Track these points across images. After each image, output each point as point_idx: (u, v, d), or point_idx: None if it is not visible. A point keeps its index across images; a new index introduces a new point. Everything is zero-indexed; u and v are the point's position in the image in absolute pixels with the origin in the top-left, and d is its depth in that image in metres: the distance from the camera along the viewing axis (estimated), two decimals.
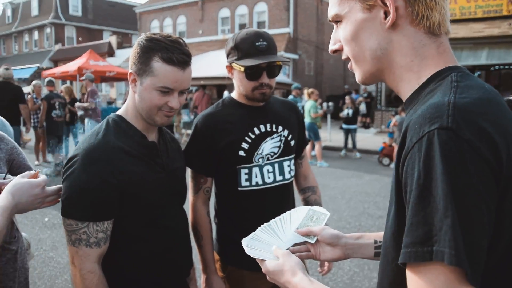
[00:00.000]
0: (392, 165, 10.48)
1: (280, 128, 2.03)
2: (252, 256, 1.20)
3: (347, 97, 12.94)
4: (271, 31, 23.02)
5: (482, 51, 16.65)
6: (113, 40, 31.99)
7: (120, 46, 32.30)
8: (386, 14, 0.91)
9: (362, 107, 19.53)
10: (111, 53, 30.52)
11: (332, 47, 1.05)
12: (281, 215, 1.37)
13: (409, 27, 0.91)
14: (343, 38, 1.00)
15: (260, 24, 23.89)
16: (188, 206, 1.97)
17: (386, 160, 10.95)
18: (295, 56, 22.92)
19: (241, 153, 1.94)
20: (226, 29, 25.16)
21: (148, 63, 1.44)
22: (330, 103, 14.04)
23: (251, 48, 1.84)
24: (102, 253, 1.45)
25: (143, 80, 1.47)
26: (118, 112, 1.59)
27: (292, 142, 2.08)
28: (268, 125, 2.01)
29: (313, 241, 1.27)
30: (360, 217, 6.33)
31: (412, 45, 0.92)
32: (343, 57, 1.04)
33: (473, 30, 17.37)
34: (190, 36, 26.76)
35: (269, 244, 1.25)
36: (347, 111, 11.99)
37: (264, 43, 1.85)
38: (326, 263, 2.13)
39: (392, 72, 0.96)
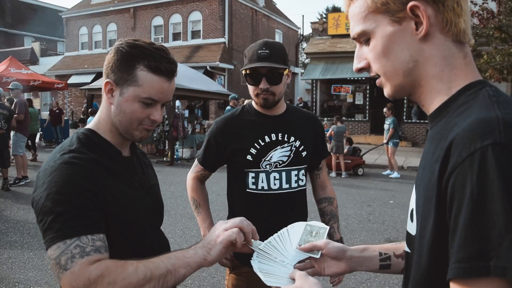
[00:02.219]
0: (332, 174, 10.73)
1: (292, 138, 2.12)
2: (270, 285, 1.18)
3: None
4: (206, 41, 22.88)
5: None
6: (36, 46, 30.22)
7: (45, 53, 30.65)
8: (417, 24, 0.90)
9: None
10: (34, 61, 28.79)
11: (358, 65, 1.02)
12: (278, 232, 1.36)
13: (439, 35, 0.91)
14: (373, 55, 0.97)
15: (195, 33, 23.65)
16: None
17: (329, 171, 11.00)
18: (230, 66, 22.88)
19: (249, 157, 2.06)
20: (159, 37, 24.65)
21: (131, 72, 1.30)
22: None
23: (254, 55, 1.97)
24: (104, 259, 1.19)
25: (123, 90, 1.31)
26: (88, 126, 1.42)
27: (304, 153, 2.14)
28: (280, 135, 2.10)
29: (318, 256, 1.24)
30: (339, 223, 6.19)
31: (442, 54, 0.91)
32: (372, 74, 1.01)
33: None
34: None
35: (279, 264, 1.25)
36: None
37: (266, 51, 1.95)
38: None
39: (422, 84, 0.95)
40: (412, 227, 0.95)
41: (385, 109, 11.22)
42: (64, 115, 17.10)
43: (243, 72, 2.03)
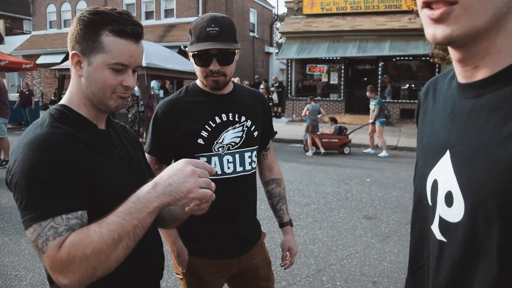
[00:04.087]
0: (308, 153, 10.84)
1: (243, 118, 1.99)
2: None
3: (262, 85, 12.88)
4: (179, 20, 22.48)
5: (385, 43, 17.62)
6: (0, 25, 29.01)
7: (10, 32, 29.59)
8: None
9: (274, 97, 19.75)
10: None
11: None
12: None
13: None
14: None
15: (168, 12, 23.19)
16: None
17: (313, 148, 11.13)
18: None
19: (200, 141, 1.91)
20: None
21: (97, 39, 1.25)
22: None
23: (202, 33, 1.80)
24: None
25: (91, 60, 1.27)
26: (60, 102, 1.37)
27: (256, 133, 2.03)
28: (230, 114, 1.96)
29: None
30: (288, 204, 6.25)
31: None
32: None
33: (376, 23, 18.31)
34: None
35: None
36: None
37: (216, 28, 1.79)
38: (288, 257, 2.16)
39: (491, 39, 0.73)
40: (450, 214, 0.80)
41: (368, 93, 11.37)
42: (34, 96, 16.62)
43: (191, 52, 1.86)
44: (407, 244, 4.78)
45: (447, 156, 0.83)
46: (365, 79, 20.57)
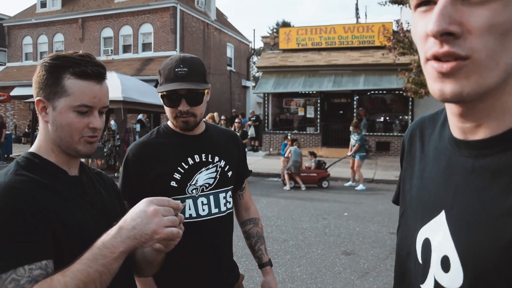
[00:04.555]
0: (286, 187, 10.85)
1: (217, 158, 1.97)
2: None
3: (236, 120, 12.98)
4: (157, 54, 22.60)
5: (360, 77, 18.05)
6: None
7: None
8: None
9: (251, 131, 19.83)
10: None
11: (447, 26, 0.64)
12: None
13: None
14: (488, 23, 0.63)
15: (146, 46, 23.30)
16: None
17: (291, 183, 11.16)
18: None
19: (173, 183, 1.87)
20: (109, 49, 24.07)
21: (59, 83, 1.26)
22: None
23: (170, 73, 1.79)
24: None
25: (55, 104, 1.27)
26: (29, 150, 1.35)
27: (230, 173, 2.01)
28: (203, 155, 1.94)
29: None
30: (266, 241, 6.18)
31: None
32: (461, 52, 0.64)
33: (351, 58, 18.80)
34: None
35: None
36: None
37: (185, 69, 1.79)
38: None
39: (498, 96, 0.69)
40: (447, 279, 0.75)
41: (351, 127, 11.59)
42: (6, 129, 16.31)
43: (159, 93, 1.85)
44: (386, 280, 4.77)
45: (442, 216, 0.78)
46: (341, 112, 20.95)
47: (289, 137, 12.02)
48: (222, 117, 12.58)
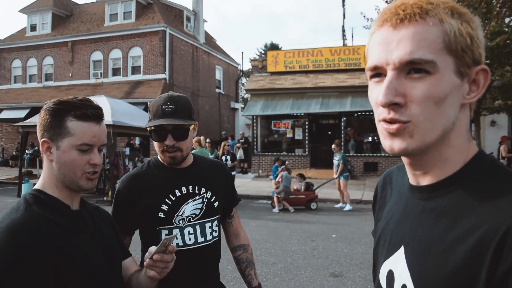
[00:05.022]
0: (275, 210, 10.94)
1: (203, 189, 2.07)
2: None
3: (224, 143, 13.12)
4: (146, 77, 22.80)
5: (347, 99, 18.35)
6: None
7: None
8: (470, 88, 0.84)
9: (240, 153, 19.94)
10: None
11: (393, 98, 0.80)
12: None
13: (467, 109, 0.86)
14: (426, 95, 0.80)
15: (135, 69, 23.49)
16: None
17: (280, 205, 11.26)
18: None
19: (161, 214, 1.97)
20: (98, 72, 24.21)
21: (62, 125, 1.41)
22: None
23: (158, 110, 1.91)
24: None
25: (59, 144, 1.42)
26: (34, 187, 1.49)
27: (216, 204, 2.10)
28: (190, 187, 2.04)
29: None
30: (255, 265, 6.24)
31: (466, 127, 0.87)
32: (397, 116, 0.81)
33: (338, 80, 19.15)
34: (58, 79, 25.25)
35: None
36: (224, 158, 12.15)
37: (171, 106, 1.91)
38: None
39: (439, 150, 0.85)
40: None
41: (333, 146, 11.72)
42: None
43: (147, 128, 1.97)
44: None
45: (401, 251, 0.91)
46: (329, 133, 21.17)
47: (280, 160, 12.12)
48: (207, 140, 12.71)
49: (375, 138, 19.21)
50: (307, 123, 19.83)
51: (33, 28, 26.75)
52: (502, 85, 12.15)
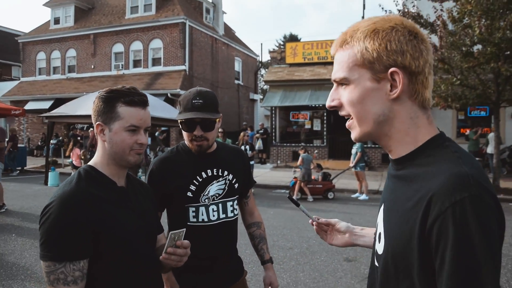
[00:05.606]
0: (309, 199, 11.17)
1: (226, 172, 2.31)
2: None
3: (243, 134, 13.33)
4: (166, 68, 23.10)
5: None
6: None
7: None
8: (392, 87, 1.07)
9: (259, 144, 20.16)
10: None
11: (331, 103, 1.18)
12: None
13: (408, 100, 1.09)
14: (347, 100, 1.12)
15: (156, 60, 23.83)
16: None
17: (298, 194, 11.49)
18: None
19: (189, 194, 2.21)
20: (120, 64, 24.63)
21: (113, 110, 1.64)
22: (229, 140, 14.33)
23: (188, 104, 2.14)
24: None
25: (111, 127, 1.65)
26: (88, 163, 1.73)
27: (236, 185, 2.35)
28: (214, 170, 2.28)
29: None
30: (271, 249, 6.48)
31: (409, 116, 1.09)
32: (342, 113, 1.17)
33: None
34: (81, 70, 25.79)
35: None
36: (243, 148, 12.36)
37: (200, 101, 2.14)
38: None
39: (389, 135, 1.12)
40: (380, 247, 1.14)
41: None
42: (17, 142, 16.75)
43: (178, 120, 2.19)
44: None
45: (382, 207, 1.19)
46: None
47: (300, 150, 12.27)
48: (220, 130, 12.96)
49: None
50: (325, 114, 19.93)
51: (56, 21, 27.33)
52: None
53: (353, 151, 11.85)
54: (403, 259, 1.03)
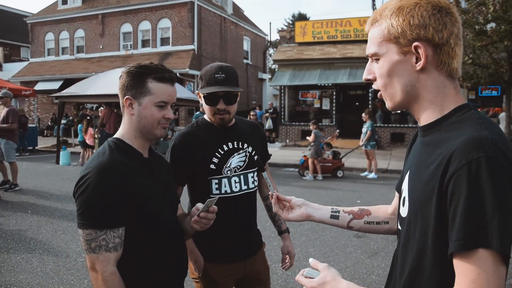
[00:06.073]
0: (308, 177, 11.25)
1: (246, 145, 2.36)
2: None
3: (250, 113, 13.31)
4: (175, 48, 23.04)
5: None
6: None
7: (8, 59, 29.98)
8: (417, 59, 1.15)
9: (269, 123, 20.18)
10: None
11: (366, 76, 1.27)
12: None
13: (434, 71, 1.16)
14: (379, 73, 1.22)
15: (164, 40, 23.76)
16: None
17: (307, 172, 11.54)
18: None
19: (212, 166, 2.26)
20: (128, 44, 24.62)
21: (144, 86, 1.68)
22: None
23: (211, 78, 2.18)
24: (118, 257, 1.61)
25: (141, 101, 1.69)
26: (114, 136, 1.78)
27: (256, 157, 2.39)
28: (235, 143, 2.33)
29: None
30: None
31: (436, 85, 1.16)
32: (375, 87, 1.26)
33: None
34: (89, 51, 25.81)
35: None
36: None
37: (223, 75, 2.18)
38: (287, 259, 2.54)
39: (418, 103, 1.20)
40: (404, 211, 1.22)
41: (363, 114, 11.95)
42: (27, 122, 16.89)
43: (202, 94, 2.22)
44: None
45: (408, 173, 1.24)
46: (357, 104, 21.12)
47: (312, 124, 12.20)
48: None
49: (403, 109, 19.07)
50: (334, 93, 19.86)
51: (64, 1, 27.26)
52: None
53: (364, 129, 11.86)
54: (422, 220, 1.09)
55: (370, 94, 18.97)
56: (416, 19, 1.13)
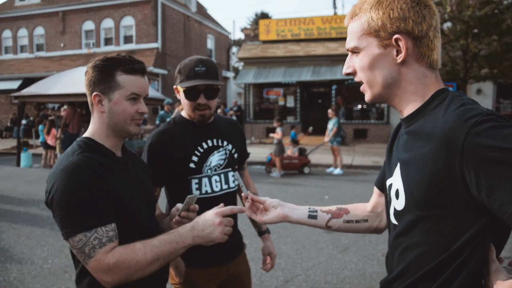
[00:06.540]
0: (275, 174, 11.39)
1: (225, 142, 2.28)
2: None
3: (219, 110, 13.30)
4: (138, 46, 22.73)
5: (338, 67, 18.57)
6: None
7: None
8: (398, 52, 1.17)
9: None
10: None
11: (346, 70, 1.28)
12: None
13: (415, 63, 1.18)
14: (359, 66, 1.23)
15: (127, 38, 23.40)
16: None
17: (274, 169, 11.68)
18: (164, 71, 22.89)
19: (192, 165, 2.16)
20: (90, 42, 24.12)
21: (112, 79, 1.55)
22: None
23: (191, 72, 2.08)
24: (115, 246, 1.48)
25: (111, 97, 1.56)
26: (84, 135, 1.65)
27: (236, 155, 2.33)
28: (215, 140, 2.24)
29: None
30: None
31: (417, 76, 1.18)
32: (356, 79, 1.27)
33: (329, 49, 19.33)
34: (50, 49, 25.08)
35: None
36: None
37: (203, 68, 2.08)
38: (268, 261, 2.48)
39: (399, 95, 1.22)
40: (399, 203, 1.21)
41: (329, 111, 12.13)
42: None
43: (182, 88, 2.10)
44: (365, 254, 5.30)
45: (397, 166, 1.23)
46: (320, 101, 21.47)
47: (276, 121, 12.29)
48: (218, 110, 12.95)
49: (364, 106, 19.59)
50: (298, 91, 20.13)
51: None
52: (488, 54, 12.52)
53: (329, 126, 12.09)
54: (426, 202, 1.11)
55: (333, 92, 19.34)
56: (396, 12, 1.15)
